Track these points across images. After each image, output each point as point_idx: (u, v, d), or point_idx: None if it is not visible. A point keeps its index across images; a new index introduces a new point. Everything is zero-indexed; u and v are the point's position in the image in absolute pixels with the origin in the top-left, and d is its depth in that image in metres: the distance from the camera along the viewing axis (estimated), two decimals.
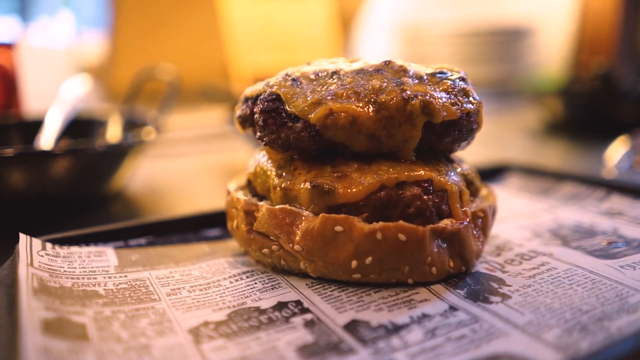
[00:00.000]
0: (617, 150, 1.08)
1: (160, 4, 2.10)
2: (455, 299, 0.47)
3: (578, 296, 0.47)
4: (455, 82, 0.52)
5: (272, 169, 0.54)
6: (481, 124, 0.54)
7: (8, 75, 1.26)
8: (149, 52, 2.04)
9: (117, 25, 2.09)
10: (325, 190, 0.49)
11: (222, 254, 0.59)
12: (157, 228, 0.63)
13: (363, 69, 0.52)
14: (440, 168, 0.52)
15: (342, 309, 0.46)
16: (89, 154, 0.77)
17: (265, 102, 0.52)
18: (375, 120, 0.48)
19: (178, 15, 2.11)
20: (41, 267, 0.50)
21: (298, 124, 0.50)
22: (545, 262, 0.55)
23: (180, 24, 2.11)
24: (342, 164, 0.51)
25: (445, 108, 0.49)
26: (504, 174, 0.88)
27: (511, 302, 0.46)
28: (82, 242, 0.58)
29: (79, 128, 0.99)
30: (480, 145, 0.58)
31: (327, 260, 0.49)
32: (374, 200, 0.48)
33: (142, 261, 0.56)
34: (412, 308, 0.46)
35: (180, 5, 2.11)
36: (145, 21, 2.09)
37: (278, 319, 0.45)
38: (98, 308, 0.45)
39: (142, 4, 2.08)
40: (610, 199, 0.73)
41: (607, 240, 0.60)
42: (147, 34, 2.08)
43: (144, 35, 2.09)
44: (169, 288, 0.50)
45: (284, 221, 0.50)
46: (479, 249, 0.53)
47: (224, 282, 0.52)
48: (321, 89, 0.50)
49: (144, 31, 2.08)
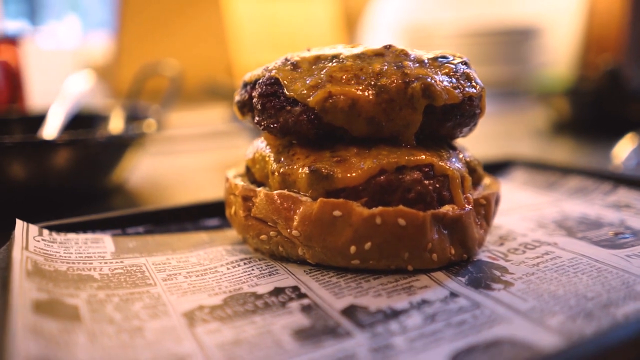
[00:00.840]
0: (624, 147, 1.07)
1: (165, 3, 2.11)
2: (456, 285, 0.46)
3: (583, 284, 0.45)
4: (457, 67, 0.51)
5: (270, 155, 0.54)
6: (484, 109, 0.53)
7: (13, 71, 1.26)
8: (154, 51, 2.04)
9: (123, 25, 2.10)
10: (324, 174, 0.48)
11: (220, 243, 0.58)
12: (156, 217, 0.62)
13: (363, 53, 0.51)
14: (441, 154, 0.51)
15: (340, 295, 0.45)
16: (90, 144, 0.76)
17: (263, 86, 0.52)
18: (375, 103, 0.47)
19: (183, 14, 2.11)
20: (36, 251, 0.49)
21: (297, 108, 0.49)
22: (550, 252, 0.53)
23: (185, 23, 2.12)
24: (342, 148, 0.50)
25: (446, 91, 0.48)
26: (509, 168, 0.87)
27: (514, 289, 0.45)
28: (80, 230, 0.57)
29: (81, 122, 0.99)
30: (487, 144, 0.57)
31: (325, 246, 0.48)
32: (373, 185, 0.47)
33: (139, 248, 0.55)
34: (412, 294, 0.45)
35: (185, 5, 2.11)
36: (151, 21, 2.09)
37: (274, 304, 0.44)
38: (92, 291, 0.44)
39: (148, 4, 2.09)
40: (617, 192, 0.72)
41: (613, 231, 0.59)
42: (152, 33, 2.09)
43: (149, 34, 2.09)
44: (165, 274, 0.49)
45: (282, 206, 0.49)
46: (481, 237, 0.52)
47: (221, 268, 0.51)
48: (320, 72, 0.50)
49: (149, 31, 2.09)
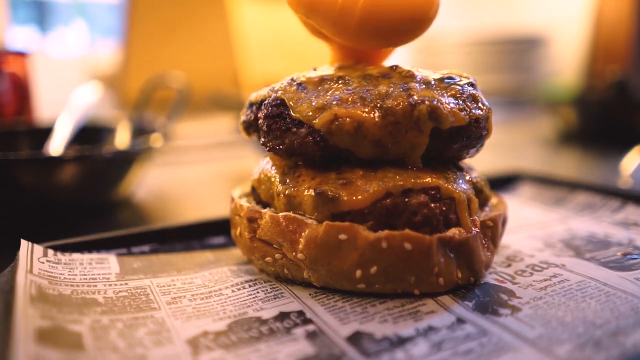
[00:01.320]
0: (632, 159, 1.06)
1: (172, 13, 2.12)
2: (463, 311, 0.46)
3: (591, 309, 0.45)
4: (463, 88, 0.50)
5: (276, 176, 0.53)
6: (490, 130, 0.52)
7: (21, 83, 1.27)
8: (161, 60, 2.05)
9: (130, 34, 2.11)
10: (330, 197, 0.48)
11: (226, 262, 0.58)
12: (161, 235, 0.62)
13: (369, 74, 0.51)
14: (448, 175, 0.50)
15: (346, 320, 0.44)
16: (96, 160, 0.77)
17: (269, 107, 0.51)
18: (381, 125, 0.47)
19: (190, 23, 2.12)
20: (40, 274, 0.49)
21: (302, 130, 0.49)
22: (557, 274, 0.53)
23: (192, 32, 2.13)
24: (347, 170, 0.49)
25: (453, 114, 0.48)
26: (516, 182, 0.87)
27: (521, 315, 0.44)
28: (85, 249, 0.57)
29: (87, 135, 0.99)
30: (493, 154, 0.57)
31: (330, 270, 0.47)
32: (379, 208, 0.47)
33: (144, 269, 0.55)
34: (418, 320, 0.44)
35: (192, 14, 2.12)
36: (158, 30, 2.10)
37: (279, 329, 0.43)
38: (96, 316, 0.44)
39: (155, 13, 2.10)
40: (626, 209, 0.71)
41: (622, 252, 0.58)
42: (159, 42, 2.10)
43: (157, 43, 2.10)
44: (169, 296, 0.49)
45: (287, 229, 0.49)
46: (488, 259, 0.52)
47: (226, 290, 0.51)
48: (326, 93, 0.49)
49: (157, 40, 2.10)
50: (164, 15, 2.11)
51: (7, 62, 1.23)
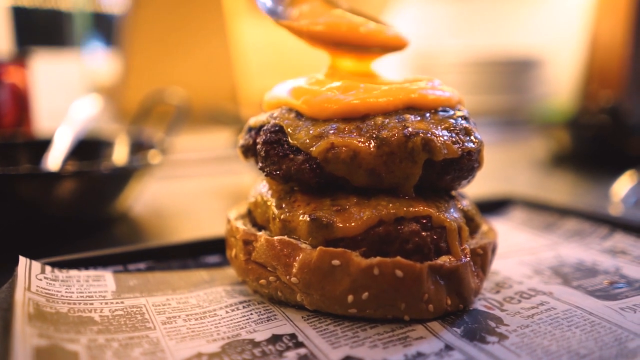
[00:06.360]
0: (624, 184, 1.08)
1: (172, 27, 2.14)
2: (452, 337, 0.47)
3: (576, 339, 0.46)
4: (457, 121, 0.52)
5: (272, 200, 0.55)
6: (482, 163, 0.54)
7: (20, 94, 1.28)
8: (161, 74, 2.07)
9: (130, 47, 2.13)
10: (324, 223, 0.49)
11: (220, 282, 0.59)
12: (157, 253, 0.63)
13: None
14: (439, 204, 0.52)
15: (337, 344, 0.45)
16: (94, 176, 0.78)
17: (268, 133, 0.53)
18: (376, 155, 0.48)
19: (190, 39, 2.15)
20: (38, 292, 0.50)
21: (299, 157, 0.50)
22: (545, 302, 0.54)
23: (192, 47, 2.15)
24: (342, 197, 0.51)
25: (446, 146, 0.49)
26: (507, 207, 0.88)
27: (508, 343, 0.46)
28: (82, 266, 0.58)
29: (86, 149, 1.00)
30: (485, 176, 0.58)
31: (323, 294, 0.49)
32: (372, 235, 0.48)
33: (139, 287, 0.56)
34: (407, 346, 0.45)
35: (192, 30, 2.14)
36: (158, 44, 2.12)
37: (272, 352, 0.44)
38: (92, 335, 0.45)
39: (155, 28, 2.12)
40: (614, 236, 0.73)
41: (608, 280, 0.60)
42: (159, 56, 2.12)
43: (156, 57, 2.12)
44: (164, 316, 0.50)
45: (282, 252, 0.50)
46: (477, 287, 0.53)
47: (220, 311, 0.52)
48: (323, 122, 0.51)
49: (156, 54, 2.12)
50: (164, 29, 2.13)
51: (7, 72, 1.24)
